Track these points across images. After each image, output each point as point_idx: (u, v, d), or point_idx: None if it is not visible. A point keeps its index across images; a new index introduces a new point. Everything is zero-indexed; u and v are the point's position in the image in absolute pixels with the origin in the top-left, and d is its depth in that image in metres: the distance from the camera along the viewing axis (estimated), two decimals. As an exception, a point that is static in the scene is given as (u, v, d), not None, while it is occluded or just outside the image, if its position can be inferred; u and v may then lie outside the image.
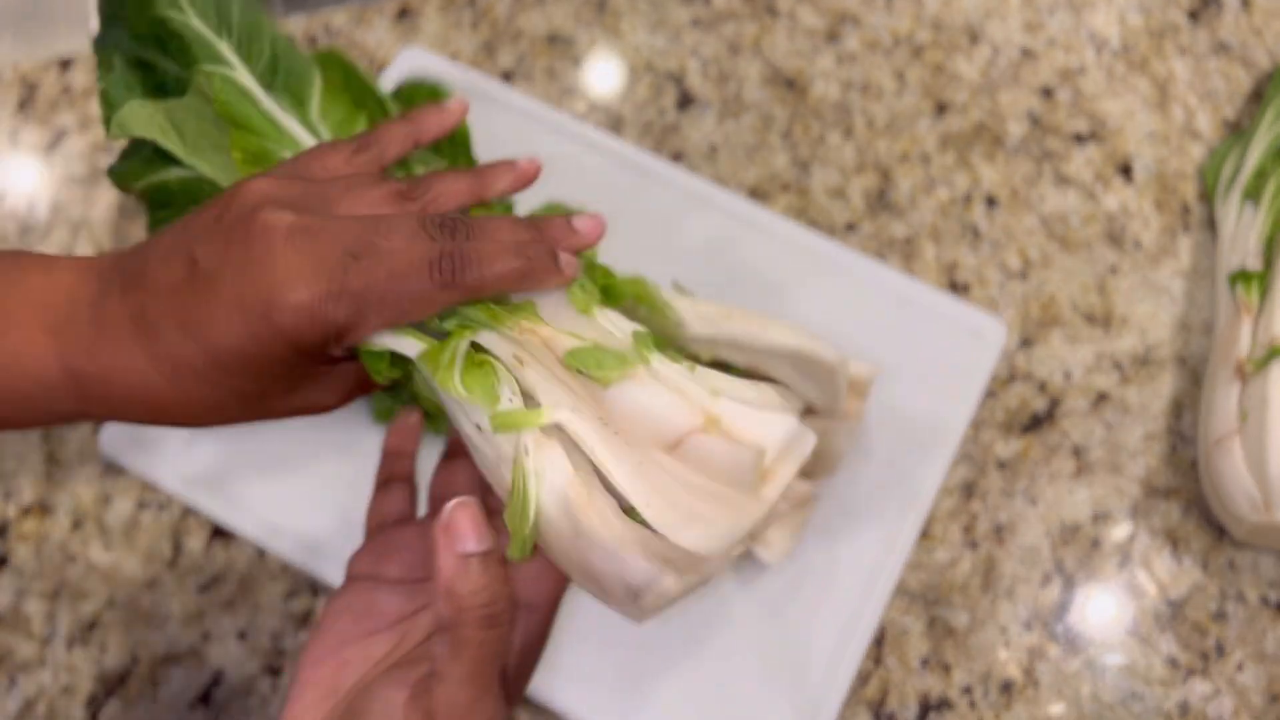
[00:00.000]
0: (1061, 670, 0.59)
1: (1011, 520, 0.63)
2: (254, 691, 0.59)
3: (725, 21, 0.77)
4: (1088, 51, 0.75)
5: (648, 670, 0.58)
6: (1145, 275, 0.68)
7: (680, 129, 0.74)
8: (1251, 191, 0.66)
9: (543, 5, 0.78)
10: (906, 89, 0.75)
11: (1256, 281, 0.62)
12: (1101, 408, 0.65)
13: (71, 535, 0.63)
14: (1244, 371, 0.59)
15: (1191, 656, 0.59)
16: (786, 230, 0.68)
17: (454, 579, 0.35)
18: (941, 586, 0.61)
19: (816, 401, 0.59)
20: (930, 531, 0.62)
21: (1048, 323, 0.67)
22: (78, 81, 0.76)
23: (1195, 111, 0.73)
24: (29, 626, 0.61)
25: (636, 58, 0.76)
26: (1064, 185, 0.71)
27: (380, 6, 0.78)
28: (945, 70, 0.75)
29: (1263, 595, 0.61)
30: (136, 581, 0.62)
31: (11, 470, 0.65)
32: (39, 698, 0.60)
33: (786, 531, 0.58)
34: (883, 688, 0.59)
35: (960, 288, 0.68)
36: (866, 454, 0.62)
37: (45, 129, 0.75)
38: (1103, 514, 0.63)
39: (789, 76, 0.75)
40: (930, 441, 0.62)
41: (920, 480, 0.61)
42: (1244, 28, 0.75)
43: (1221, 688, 0.59)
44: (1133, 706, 0.58)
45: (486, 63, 0.76)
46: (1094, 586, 0.61)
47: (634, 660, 0.58)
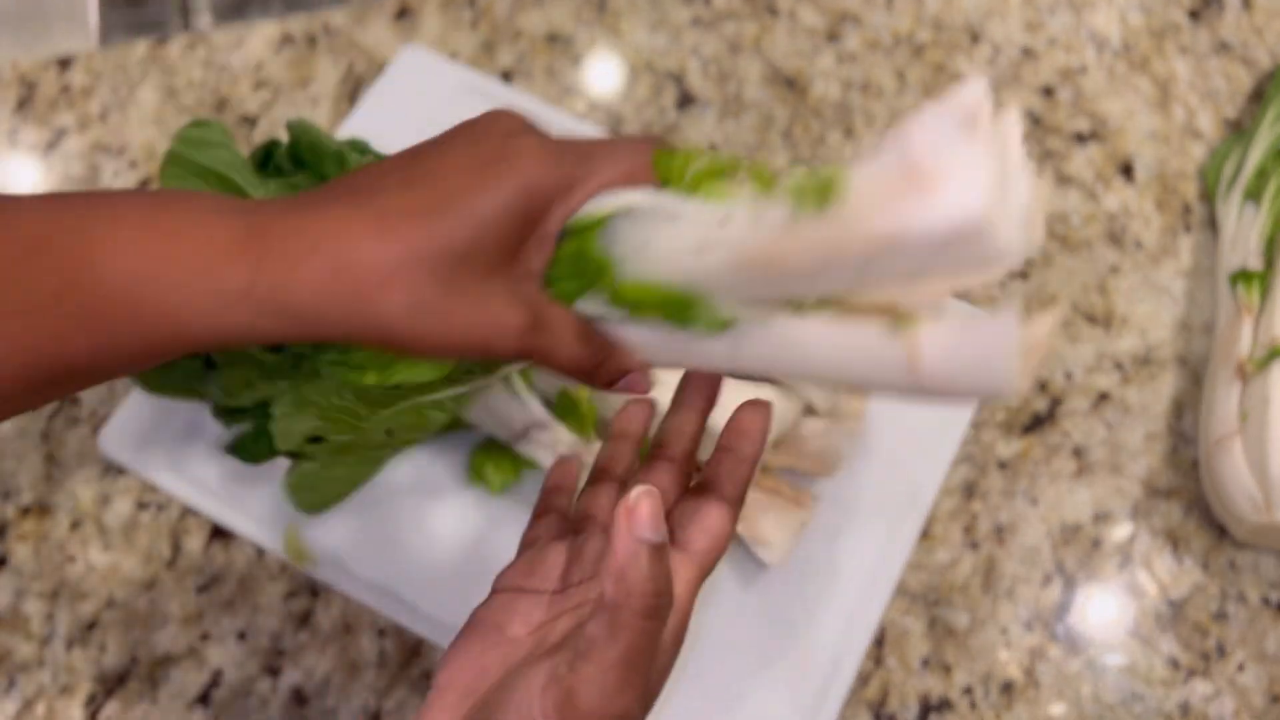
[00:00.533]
0: (1062, 671, 0.59)
1: (1012, 520, 0.62)
2: (254, 691, 0.59)
3: (725, 21, 0.77)
4: (1088, 51, 0.75)
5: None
6: (1146, 275, 0.68)
7: (680, 128, 0.74)
8: (1252, 191, 0.66)
9: (543, 5, 0.78)
10: (907, 88, 0.75)
11: (1257, 281, 0.62)
12: (1102, 408, 0.65)
13: (71, 535, 0.63)
14: (1245, 371, 0.59)
15: (1192, 657, 0.59)
16: (787, 230, 0.67)
17: (628, 562, 0.34)
18: (942, 587, 0.61)
19: (816, 401, 0.59)
20: (931, 531, 0.62)
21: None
22: (77, 81, 0.76)
23: (1196, 111, 0.73)
24: (28, 626, 0.61)
25: (636, 57, 0.76)
26: (1065, 185, 0.71)
27: (380, 6, 0.78)
28: (946, 70, 0.75)
29: (1264, 596, 0.61)
30: (136, 582, 0.62)
31: (11, 470, 0.65)
32: (38, 698, 0.60)
33: (786, 531, 0.58)
34: (883, 688, 0.59)
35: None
36: (866, 454, 0.62)
37: (45, 129, 0.75)
38: (1103, 514, 0.63)
39: (789, 76, 0.75)
40: (930, 441, 0.62)
41: (920, 480, 0.61)
42: (1245, 27, 0.75)
43: (1222, 688, 0.59)
44: (1133, 707, 0.58)
45: (486, 62, 0.76)
46: (1095, 587, 0.61)
47: (634, 660, 0.58)
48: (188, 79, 0.76)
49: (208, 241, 0.33)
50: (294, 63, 0.76)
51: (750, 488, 0.59)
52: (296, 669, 0.60)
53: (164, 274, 0.32)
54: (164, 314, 0.32)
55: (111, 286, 0.32)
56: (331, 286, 0.33)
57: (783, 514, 0.58)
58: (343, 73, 0.76)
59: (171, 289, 0.32)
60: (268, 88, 0.76)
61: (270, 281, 0.32)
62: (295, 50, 0.77)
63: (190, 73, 0.76)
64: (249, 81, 0.76)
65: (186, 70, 0.76)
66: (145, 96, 0.75)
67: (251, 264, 0.32)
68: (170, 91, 0.76)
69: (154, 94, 0.76)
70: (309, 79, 0.76)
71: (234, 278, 0.32)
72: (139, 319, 0.32)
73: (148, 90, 0.76)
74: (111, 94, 0.76)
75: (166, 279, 0.32)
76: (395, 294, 0.33)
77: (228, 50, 0.77)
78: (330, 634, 0.60)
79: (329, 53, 0.77)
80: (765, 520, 0.58)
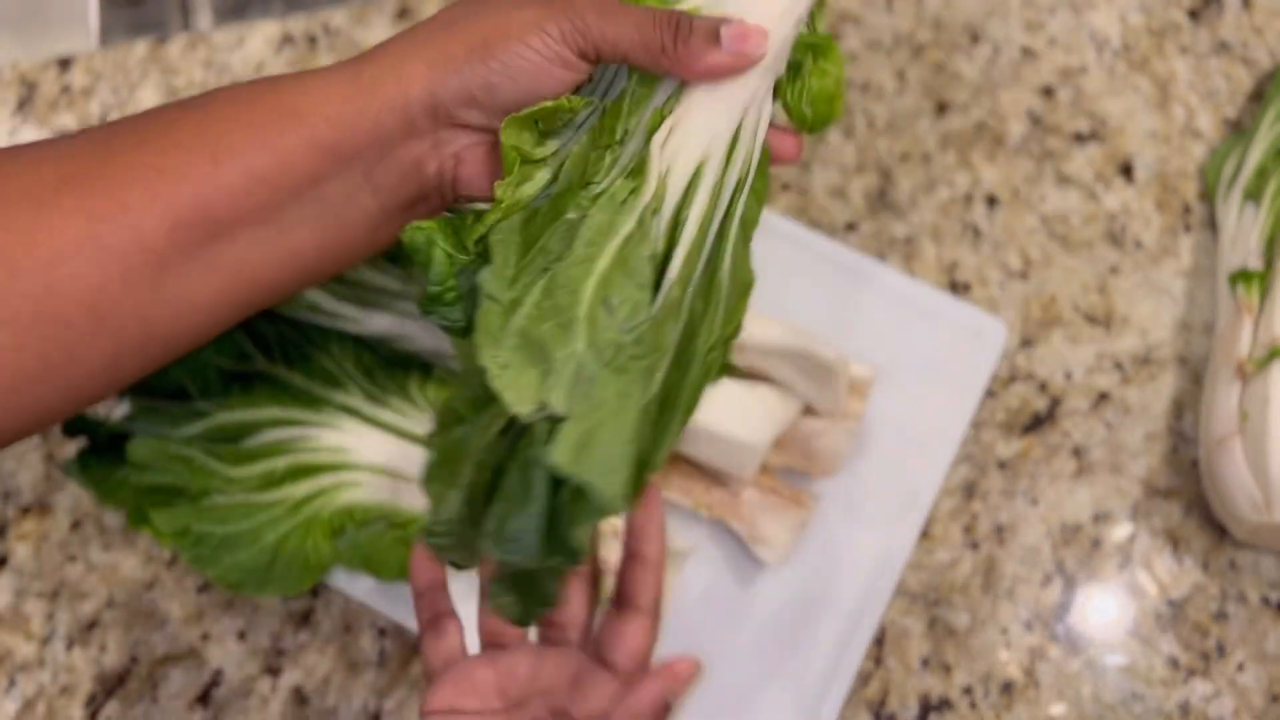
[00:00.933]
0: (1062, 671, 0.59)
1: (1012, 520, 0.62)
2: (253, 691, 0.59)
3: (725, 21, 0.77)
4: (1088, 51, 0.75)
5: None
6: (1146, 275, 0.68)
7: (680, 129, 0.74)
8: (1252, 191, 0.66)
9: (543, 5, 0.78)
10: (907, 88, 0.75)
11: (1257, 281, 0.62)
12: (1102, 408, 0.65)
13: (71, 535, 0.63)
14: (1245, 371, 0.59)
15: (1192, 657, 0.59)
16: (787, 229, 0.68)
17: (651, 711, 0.41)
18: (942, 587, 0.61)
19: (816, 402, 0.59)
20: (931, 531, 0.62)
21: (1048, 323, 0.67)
22: (77, 81, 0.76)
23: (1196, 111, 0.73)
24: (28, 626, 0.61)
25: (636, 57, 0.76)
26: (1065, 185, 0.71)
27: (380, 6, 0.78)
28: (946, 70, 0.75)
29: (1263, 595, 0.61)
30: (136, 581, 0.62)
31: (11, 470, 0.65)
32: (38, 698, 0.60)
33: (786, 531, 0.58)
34: (883, 688, 0.59)
35: (961, 288, 0.68)
36: (866, 454, 0.62)
37: (45, 129, 0.75)
38: (1103, 514, 0.63)
39: (789, 76, 0.75)
40: (930, 441, 0.62)
41: (920, 480, 0.61)
42: (1245, 27, 0.75)
43: (1222, 688, 0.59)
44: (1133, 707, 0.58)
45: (486, 62, 0.76)
46: (1095, 587, 0.61)
47: (634, 660, 0.58)
48: (188, 79, 0.76)
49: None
50: (294, 63, 0.76)
51: (750, 487, 0.59)
52: (297, 669, 0.60)
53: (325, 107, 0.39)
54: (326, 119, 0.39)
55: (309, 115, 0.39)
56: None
57: (783, 514, 0.58)
58: (343, 73, 0.76)
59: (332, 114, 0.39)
60: (268, 88, 0.76)
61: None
62: (295, 50, 0.77)
63: (191, 73, 0.76)
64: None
65: (187, 70, 0.76)
66: (146, 97, 0.75)
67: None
68: (171, 92, 0.76)
69: (154, 94, 0.76)
70: (309, 79, 0.76)
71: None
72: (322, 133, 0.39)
73: (148, 90, 0.76)
74: (112, 94, 0.76)
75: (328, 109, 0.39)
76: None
77: (228, 50, 0.77)
78: (330, 634, 0.60)
79: (329, 52, 0.77)
80: (765, 520, 0.58)
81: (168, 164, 0.37)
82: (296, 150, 0.38)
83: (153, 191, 0.37)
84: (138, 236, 0.36)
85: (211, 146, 0.38)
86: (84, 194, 0.36)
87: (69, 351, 0.36)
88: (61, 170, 0.37)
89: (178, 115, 0.39)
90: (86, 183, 0.37)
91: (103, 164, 0.37)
